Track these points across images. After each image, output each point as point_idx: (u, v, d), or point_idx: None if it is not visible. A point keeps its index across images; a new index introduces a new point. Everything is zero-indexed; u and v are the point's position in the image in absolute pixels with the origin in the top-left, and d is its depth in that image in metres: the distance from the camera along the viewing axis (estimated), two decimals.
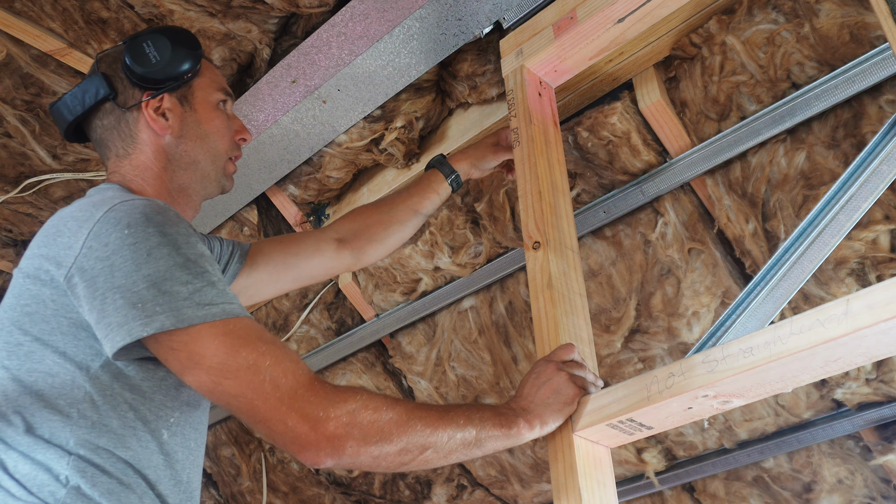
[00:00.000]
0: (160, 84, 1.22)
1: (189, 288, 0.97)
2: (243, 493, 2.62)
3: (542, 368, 1.14)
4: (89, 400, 0.98)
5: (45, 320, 1.01)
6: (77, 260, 1.00)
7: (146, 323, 0.95)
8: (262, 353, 0.97)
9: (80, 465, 0.96)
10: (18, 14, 1.75)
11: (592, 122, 1.60)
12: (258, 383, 0.95)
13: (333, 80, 1.69)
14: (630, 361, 1.80)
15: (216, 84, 1.30)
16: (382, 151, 1.84)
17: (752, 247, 1.57)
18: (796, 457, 1.78)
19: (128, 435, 0.99)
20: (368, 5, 1.61)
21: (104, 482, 0.96)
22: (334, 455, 0.95)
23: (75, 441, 0.97)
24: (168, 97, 1.23)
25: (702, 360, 1.00)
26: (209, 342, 0.96)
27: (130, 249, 0.98)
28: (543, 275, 1.26)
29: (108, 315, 0.96)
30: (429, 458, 1.01)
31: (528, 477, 2.10)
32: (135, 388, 1.01)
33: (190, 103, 1.25)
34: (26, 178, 2.08)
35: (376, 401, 0.99)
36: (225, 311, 0.98)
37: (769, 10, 1.41)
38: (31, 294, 1.02)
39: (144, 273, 0.97)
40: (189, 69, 1.23)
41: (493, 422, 1.05)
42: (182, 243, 1.01)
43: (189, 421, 1.08)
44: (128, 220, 1.01)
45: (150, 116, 1.21)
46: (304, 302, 2.21)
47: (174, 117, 1.23)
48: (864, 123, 1.39)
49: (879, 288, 0.87)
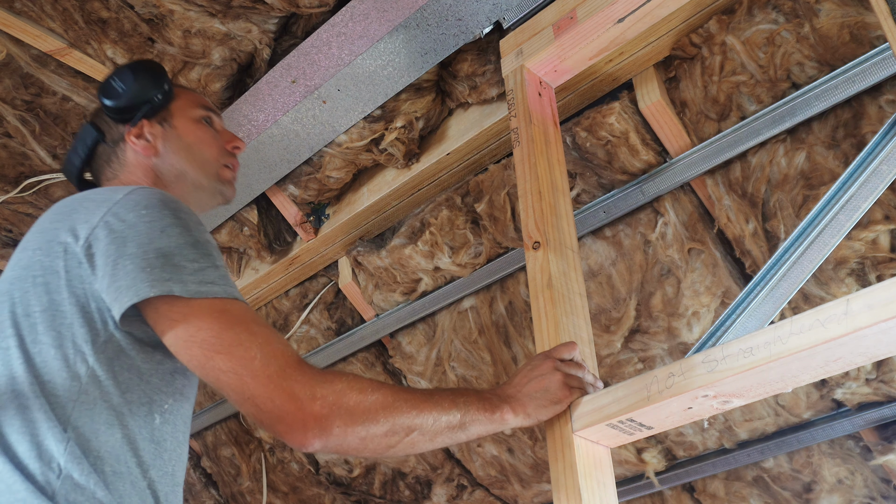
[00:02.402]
0: (135, 111, 1.31)
1: (195, 265, 1.02)
2: (243, 493, 2.62)
3: (538, 362, 1.14)
4: (92, 374, 1.01)
5: (56, 291, 1.04)
6: (94, 231, 1.05)
7: (153, 285, 0.99)
8: (254, 333, 1.00)
9: (76, 453, 0.96)
10: (18, 14, 1.75)
11: (591, 122, 1.60)
12: (248, 360, 0.97)
13: (333, 80, 1.69)
14: (630, 361, 1.80)
15: (195, 103, 1.37)
16: (382, 151, 1.84)
17: (752, 247, 1.57)
18: (796, 457, 1.78)
19: (126, 413, 1.01)
20: (368, 5, 1.61)
21: (97, 470, 0.97)
22: (321, 436, 0.97)
23: (76, 419, 0.98)
24: (147, 122, 1.31)
25: (702, 360, 1.00)
26: (206, 317, 1.00)
27: (146, 226, 1.04)
28: (543, 275, 1.26)
29: (118, 279, 1.01)
30: (415, 440, 1.02)
31: (528, 477, 2.10)
32: (133, 369, 1.04)
33: (170, 123, 1.33)
34: (26, 178, 2.08)
35: (362, 382, 1.01)
36: (224, 291, 1.02)
37: (769, 10, 1.41)
38: (43, 265, 1.06)
39: (156, 246, 1.02)
40: (157, 91, 1.32)
41: (478, 406, 1.07)
42: (193, 228, 1.07)
43: (179, 412, 1.10)
44: (146, 202, 1.07)
45: (133, 142, 1.30)
46: (305, 302, 2.21)
47: (155, 138, 1.31)
48: (864, 123, 1.39)
49: (879, 288, 0.87)
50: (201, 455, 2.73)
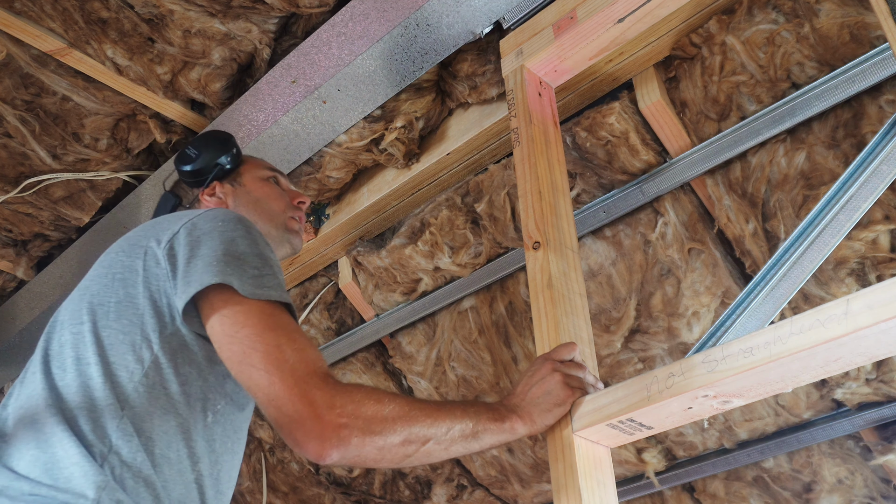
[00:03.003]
0: (207, 174, 1.48)
1: (256, 271, 1.09)
2: (243, 493, 2.62)
3: (538, 367, 1.14)
4: (154, 361, 1.06)
5: (133, 285, 1.11)
6: (175, 237, 1.13)
7: (215, 275, 1.05)
8: (292, 339, 1.04)
9: (128, 430, 1.00)
10: (18, 14, 1.75)
11: (591, 122, 1.60)
12: (281, 362, 1.01)
13: (333, 80, 1.69)
14: (630, 361, 1.80)
15: (263, 166, 1.53)
16: (382, 151, 1.84)
17: (752, 247, 1.57)
18: (796, 457, 1.78)
19: (182, 403, 1.06)
20: (368, 5, 1.61)
21: (147, 450, 1.01)
22: (340, 446, 0.98)
23: (132, 400, 1.02)
24: (218, 184, 1.47)
25: (702, 360, 1.00)
26: (254, 316, 1.04)
27: (219, 234, 1.13)
28: (543, 275, 1.26)
29: (189, 274, 1.08)
30: (431, 449, 1.04)
31: (528, 477, 2.10)
32: (194, 363, 1.09)
33: (240, 183, 1.48)
34: (26, 178, 2.08)
35: (378, 394, 1.04)
36: (280, 296, 1.08)
37: (769, 10, 1.41)
38: (124, 264, 1.15)
39: (225, 249, 1.10)
40: (227, 154, 1.49)
41: (488, 416, 1.08)
42: (261, 244, 1.15)
43: (230, 417, 1.13)
44: (223, 216, 1.17)
45: (206, 201, 1.45)
46: (305, 302, 2.21)
47: (226, 196, 1.45)
48: (864, 123, 1.39)
49: (879, 288, 0.87)
50: None
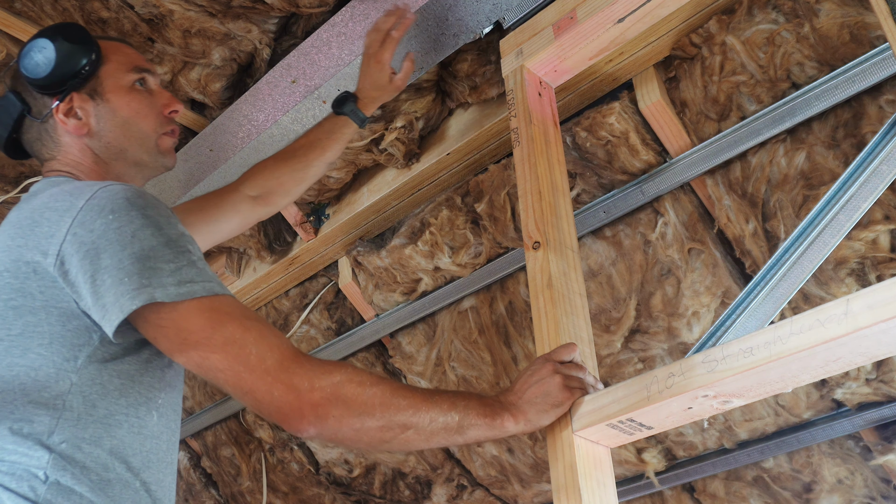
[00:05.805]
0: (62, 86, 1.20)
1: (172, 266, 1.00)
2: (243, 493, 2.62)
3: (538, 367, 1.14)
4: (76, 391, 1.00)
5: (32, 312, 1.01)
6: (63, 247, 1.01)
7: (134, 296, 0.97)
8: (247, 328, 0.99)
9: (60, 464, 0.97)
10: (18, 14, 1.75)
11: (591, 122, 1.60)
12: (245, 356, 0.97)
13: (333, 80, 1.69)
14: (630, 361, 1.80)
15: (127, 65, 1.27)
16: (382, 151, 1.84)
17: (752, 247, 1.57)
18: (796, 457, 1.78)
19: (114, 424, 1.01)
20: (368, 5, 1.61)
21: (85, 477, 0.97)
22: (317, 423, 0.98)
23: (58, 435, 0.98)
24: (76, 95, 1.22)
25: (702, 360, 1.00)
26: (195, 318, 0.99)
27: (115, 233, 1.00)
28: (543, 275, 1.26)
29: (101, 297, 0.98)
30: (410, 438, 1.03)
31: (528, 477, 2.10)
32: (123, 374, 1.03)
33: (100, 94, 1.23)
34: (26, 178, 2.08)
35: (361, 376, 1.02)
36: (206, 288, 1.01)
37: (769, 10, 1.41)
38: (14, 288, 1.03)
39: (129, 252, 0.99)
40: (85, 63, 1.20)
41: (478, 411, 1.06)
42: (164, 224, 1.03)
43: (170, 402, 1.10)
44: (111, 205, 1.03)
45: (62, 121, 1.21)
46: (304, 302, 2.21)
47: (86, 114, 1.22)
48: (864, 123, 1.39)
49: (879, 288, 0.87)
50: (201, 455, 2.72)
